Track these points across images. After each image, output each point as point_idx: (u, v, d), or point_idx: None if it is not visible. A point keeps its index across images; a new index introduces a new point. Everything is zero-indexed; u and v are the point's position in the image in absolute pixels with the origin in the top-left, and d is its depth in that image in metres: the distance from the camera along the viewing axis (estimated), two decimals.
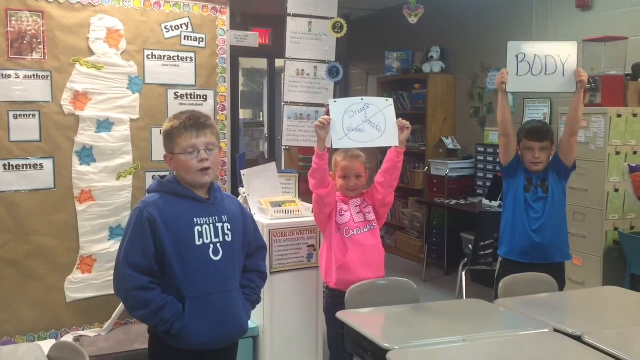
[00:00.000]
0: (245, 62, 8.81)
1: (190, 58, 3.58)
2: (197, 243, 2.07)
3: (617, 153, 3.92)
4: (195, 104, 3.60)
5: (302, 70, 3.71)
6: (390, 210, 6.90)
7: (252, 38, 5.02)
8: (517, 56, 3.00)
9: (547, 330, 2.17)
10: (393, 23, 6.81)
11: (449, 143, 6.08)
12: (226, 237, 2.13)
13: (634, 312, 2.47)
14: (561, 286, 3.12)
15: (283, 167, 6.77)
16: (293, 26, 3.66)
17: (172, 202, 2.09)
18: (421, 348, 2.03)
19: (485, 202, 5.35)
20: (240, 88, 8.64)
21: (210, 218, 2.12)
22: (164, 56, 3.50)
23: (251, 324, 3.44)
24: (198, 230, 2.08)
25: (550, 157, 3.18)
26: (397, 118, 2.87)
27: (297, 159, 7.39)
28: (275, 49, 6.02)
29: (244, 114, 9.13)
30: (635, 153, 3.96)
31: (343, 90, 8.23)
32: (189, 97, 3.59)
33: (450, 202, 5.57)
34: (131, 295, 2.02)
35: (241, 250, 2.20)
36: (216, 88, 3.67)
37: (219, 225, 2.12)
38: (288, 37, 3.68)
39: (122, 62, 3.39)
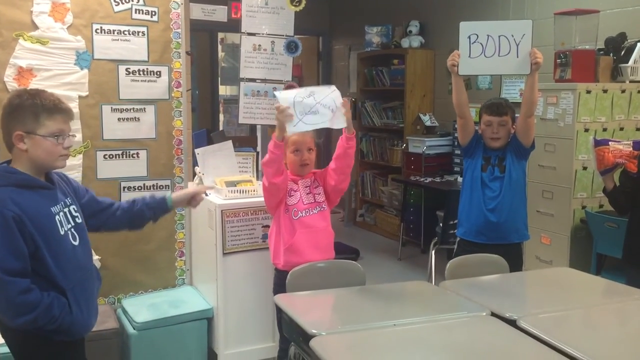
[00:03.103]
0: (228, 38, 8.66)
1: (142, 32, 3.45)
2: (61, 233, 1.99)
3: (586, 130, 3.82)
4: (149, 80, 3.49)
5: (259, 45, 3.59)
6: (370, 187, 6.90)
7: (221, 12, 4.89)
8: (469, 37, 2.88)
9: (483, 314, 2.11)
10: None
11: (427, 120, 5.97)
12: (76, 219, 2.08)
13: (578, 295, 2.40)
14: (518, 267, 3.07)
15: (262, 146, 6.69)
16: None
17: (26, 195, 1.93)
18: (347, 334, 1.97)
19: (461, 179, 5.25)
20: (222, 64, 8.50)
21: (59, 204, 2.02)
22: (114, 30, 3.38)
23: (205, 305, 3.39)
24: (58, 219, 1.99)
25: (510, 134, 3.10)
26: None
27: None
28: None
29: (230, 91, 8.99)
30: (605, 130, 3.86)
31: (326, 66, 8.11)
32: (141, 73, 3.47)
33: (426, 179, 5.48)
34: (16, 302, 1.87)
35: (84, 225, 2.14)
36: (170, 64, 3.54)
37: (66, 209, 2.04)
38: (243, 10, 3.55)
39: (68, 36, 3.26)
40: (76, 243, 2.04)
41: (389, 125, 6.54)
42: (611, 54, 4.01)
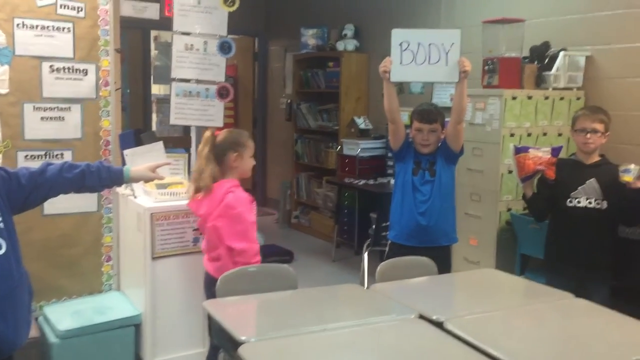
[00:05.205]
0: (162, 36, 8.47)
1: (68, 28, 3.33)
2: None
3: (512, 135, 3.95)
4: (75, 78, 3.37)
5: (191, 45, 3.52)
6: (304, 189, 6.91)
7: (153, 9, 4.75)
8: (400, 44, 2.93)
9: (412, 316, 2.13)
10: None
11: (361, 123, 6.03)
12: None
13: (502, 296, 2.48)
14: (447, 269, 3.13)
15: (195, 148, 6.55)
16: None
17: None
18: (277, 340, 1.95)
19: (394, 182, 5.33)
20: (155, 63, 8.32)
21: None
22: (37, 26, 3.24)
23: (133, 311, 3.29)
24: None
25: (440, 139, 3.17)
26: None
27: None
28: None
29: (164, 90, 8.80)
30: (529, 135, 4.01)
31: (262, 66, 8.06)
32: (66, 70, 3.35)
33: (360, 182, 5.53)
34: None
35: (12, 226, 1.97)
36: (98, 62, 3.43)
37: None
38: (176, 9, 3.48)
39: None
40: (1, 252, 1.87)
41: (324, 127, 6.57)
42: (536, 62, 4.17)
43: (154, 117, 8.24)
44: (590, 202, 2.98)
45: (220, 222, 2.71)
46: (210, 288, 2.77)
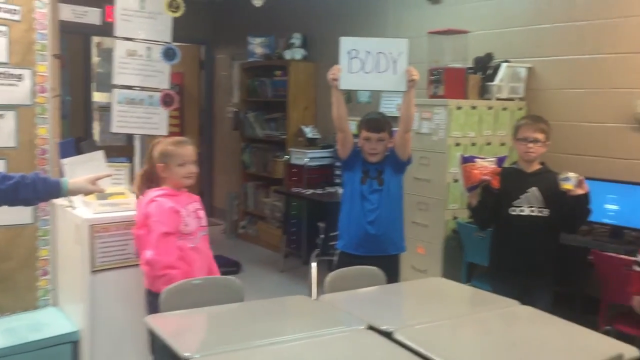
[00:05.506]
0: (105, 42, 8.25)
1: (2, 32, 3.17)
2: None
3: (457, 144, 4.00)
4: (8, 84, 3.21)
5: (134, 50, 3.42)
6: (252, 199, 6.83)
7: (93, 14, 4.60)
8: (349, 52, 2.94)
9: (361, 327, 2.10)
10: (257, 7, 6.64)
11: (309, 132, 6.01)
12: None
13: (450, 305, 2.49)
14: (395, 279, 3.13)
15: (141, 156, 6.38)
16: (123, 2, 3.35)
17: None
18: (222, 355, 1.88)
19: (342, 191, 5.32)
20: (98, 69, 8.10)
21: None
22: None
23: (70, 327, 3.15)
24: None
25: (388, 149, 3.17)
26: None
27: None
28: None
29: (107, 98, 8.55)
30: (474, 144, 4.07)
31: (208, 74, 7.95)
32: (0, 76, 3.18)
33: (308, 191, 5.51)
34: None
35: None
36: (34, 67, 3.28)
37: None
38: (118, 13, 3.37)
39: None
40: None
41: (271, 136, 6.52)
42: (479, 73, 4.25)
43: (96, 125, 8.00)
44: (532, 210, 3.03)
45: (141, 231, 2.73)
46: (146, 299, 2.71)
